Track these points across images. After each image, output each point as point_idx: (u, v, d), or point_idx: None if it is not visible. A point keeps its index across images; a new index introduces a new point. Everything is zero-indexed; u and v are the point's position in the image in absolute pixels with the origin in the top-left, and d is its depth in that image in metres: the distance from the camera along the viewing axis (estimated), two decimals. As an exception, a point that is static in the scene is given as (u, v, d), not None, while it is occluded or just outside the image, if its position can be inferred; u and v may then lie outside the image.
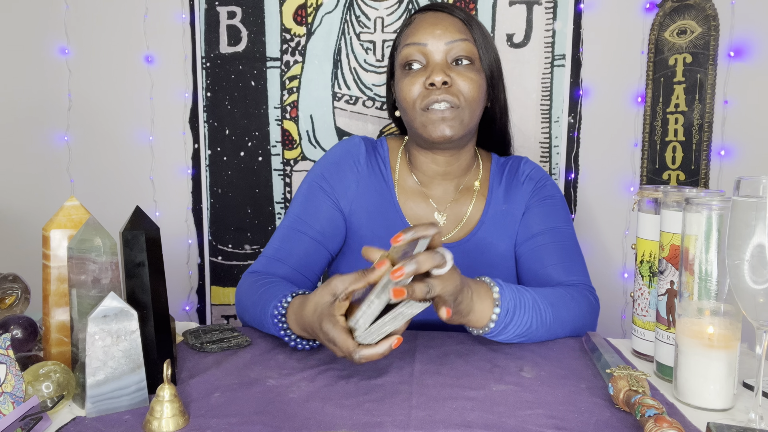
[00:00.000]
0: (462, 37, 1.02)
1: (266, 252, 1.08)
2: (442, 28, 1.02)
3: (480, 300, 0.84)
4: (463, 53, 1.02)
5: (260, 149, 1.82)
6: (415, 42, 1.03)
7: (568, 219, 1.12)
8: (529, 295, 0.89)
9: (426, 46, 1.02)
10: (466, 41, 1.03)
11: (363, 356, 0.72)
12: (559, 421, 0.67)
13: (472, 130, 1.06)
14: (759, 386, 0.65)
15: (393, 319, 0.72)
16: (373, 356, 0.73)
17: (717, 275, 0.70)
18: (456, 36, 1.02)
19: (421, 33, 1.03)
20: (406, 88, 1.03)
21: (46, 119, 1.86)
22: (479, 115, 1.07)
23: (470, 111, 1.02)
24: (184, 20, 1.80)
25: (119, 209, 1.17)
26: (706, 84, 1.59)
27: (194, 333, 0.94)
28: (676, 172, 1.65)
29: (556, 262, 1.04)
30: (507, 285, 0.88)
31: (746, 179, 0.62)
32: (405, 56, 1.04)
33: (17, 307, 0.96)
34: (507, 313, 0.85)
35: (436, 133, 1.01)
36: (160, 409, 0.64)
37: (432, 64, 1.02)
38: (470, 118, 1.03)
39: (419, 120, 1.02)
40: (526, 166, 1.14)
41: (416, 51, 1.03)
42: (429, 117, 1.01)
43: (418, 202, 1.11)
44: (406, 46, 1.04)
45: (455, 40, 1.02)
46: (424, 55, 1.02)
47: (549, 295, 0.93)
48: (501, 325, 0.86)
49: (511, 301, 0.86)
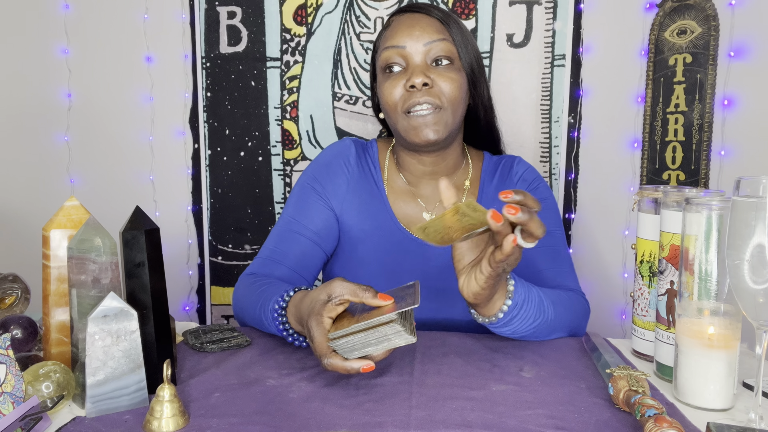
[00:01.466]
0: (440, 37, 1.02)
1: (262, 253, 1.08)
2: (420, 29, 1.02)
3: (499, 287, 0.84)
4: (442, 53, 1.02)
5: (260, 149, 1.82)
6: (393, 45, 1.03)
7: (560, 222, 1.12)
8: (536, 291, 0.90)
9: (404, 48, 1.02)
10: (444, 41, 1.02)
11: (330, 364, 0.72)
12: (559, 421, 0.67)
13: (455, 129, 1.06)
14: (759, 386, 0.65)
15: (377, 341, 0.71)
16: (339, 368, 0.72)
17: (717, 275, 0.70)
18: (434, 36, 1.02)
19: (399, 35, 1.03)
20: (387, 91, 1.03)
21: (46, 119, 1.86)
22: (462, 114, 1.07)
23: (452, 111, 1.03)
24: (184, 20, 1.80)
25: (119, 209, 1.16)
26: (706, 84, 1.59)
27: (194, 333, 0.94)
28: (676, 172, 1.65)
29: (547, 267, 1.05)
30: (519, 279, 0.88)
31: (746, 179, 0.62)
32: (384, 59, 1.04)
33: (17, 307, 0.96)
34: (515, 306, 0.85)
35: (420, 137, 1.01)
36: (160, 409, 0.64)
37: (412, 66, 1.02)
38: (453, 119, 1.03)
39: (401, 124, 1.03)
40: (519, 166, 1.14)
41: (395, 54, 1.03)
42: (411, 122, 1.01)
43: (407, 201, 1.12)
44: (385, 50, 1.04)
45: (433, 40, 1.02)
46: (403, 57, 1.02)
47: (551, 295, 0.93)
48: (508, 317, 0.86)
49: (521, 296, 0.86)
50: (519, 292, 0.86)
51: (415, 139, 1.02)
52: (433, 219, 0.72)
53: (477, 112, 1.12)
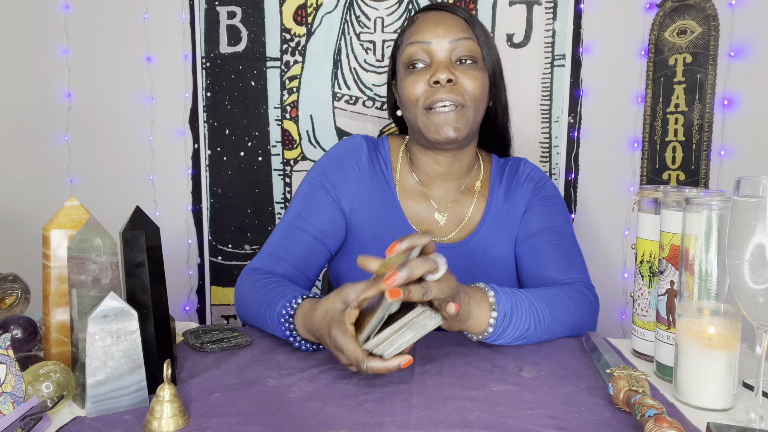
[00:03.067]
0: (465, 36, 1.02)
1: (266, 249, 1.07)
2: (446, 27, 1.02)
3: (477, 305, 0.84)
4: (467, 52, 1.02)
5: (260, 149, 1.82)
6: (418, 40, 1.03)
7: (567, 219, 1.12)
8: (525, 297, 0.89)
9: (430, 44, 1.02)
10: (469, 40, 1.03)
11: (371, 368, 0.72)
12: (559, 421, 0.67)
13: (475, 129, 1.06)
14: (759, 386, 0.65)
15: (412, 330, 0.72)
16: (381, 370, 0.72)
17: (717, 275, 0.70)
18: (460, 35, 1.02)
19: (424, 32, 1.03)
20: (410, 86, 1.02)
21: (46, 119, 1.86)
22: (482, 115, 1.07)
23: (474, 109, 1.02)
24: (184, 20, 1.80)
25: (119, 209, 1.17)
26: (706, 84, 1.59)
27: (194, 333, 0.94)
28: (676, 172, 1.65)
29: (554, 261, 1.04)
30: (501, 289, 0.88)
31: (746, 179, 0.62)
32: (409, 55, 1.04)
33: (17, 307, 0.96)
34: (504, 317, 0.86)
35: (440, 134, 1.01)
36: (160, 409, 0.64)
37: (436, 62, 1.02)
38: (474, 117, 1.03)
39: (422, 120, 1.02)
40: (526, 166, 1.15)
41: (420, 49, 1.02)
42: (432, 119, 1.01)
43: (419, 202, 1.11)
44: (409, 45, 1.04)
45: (459, 38, 1.02)
46: (427, 53, 1.02)
47: (545, 296, 0.92)
48: (500, 329, 0.86)
49: (507, 304, 0.86)
50: (503, 302, 0.86)
51: (435, 136, 1.01)
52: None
53: (495, 113, 1.12)
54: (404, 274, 0.70)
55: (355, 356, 0.72)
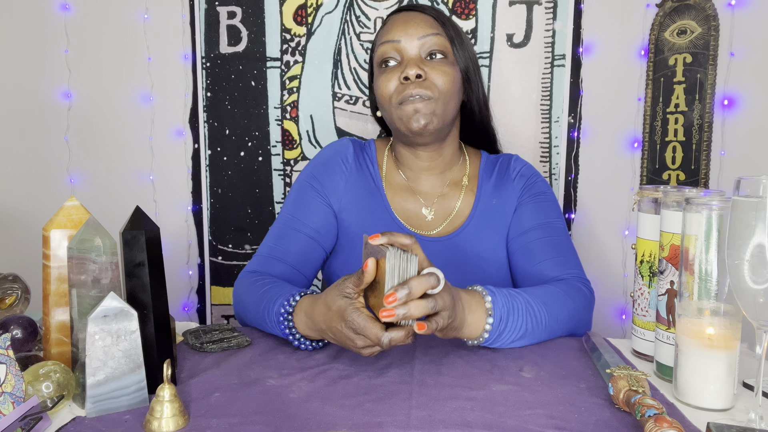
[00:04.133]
0: (434, 32, 1.05)
1: (261, 251, 1.08)
2: (414, 25, 1.05)
3: (471, 312, 0.84)
4: (436, 47, 1.05)
5: (260, 149, 1.82)
6: (389, 40, 1.06)
7: (560, 215, 1.12)
8: (522, 298, 0.89)
9: (399, 42, 1.05)
10: (438, 35, 1.05)
11: (393, 339, 0.74)
12: (559, 421, 0.67)
13: (448, 122, 1.07)
14: (759, 386, 0.65)
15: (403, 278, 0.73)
16: (401, 338, 0.74)
17: (717, 275, 0.70)
18: (428, 31, 1.05)
19: (394, 31, 1.06)
20: (383, 84, 1.05)
21: (46, 119, 1.86)
22: (455, 108, 1.08)
23: (444, 103, 1.04)
24: (184, 20, 1.80)
25: (119, 209, 1.16)
26: (706, 84, 1.59)
27: (194, 333, 0.94)
28: (676, 172, 1.65)
29: (548, 258, 1.05)
30: (499, 291, 0.88)
31: (746, 179, 0.62)
32: (381, 54, 1.07)
33: (17, 307, 0.96)
34: (500, 321, 0.86)
35: (412, 124, 1.03)
36: (160, 409, 0.64)
37: (406, 59, 1.05)
38: (444, 110, 1.04)
39: (395, 114, 1.05)
40: (517, 163, 1.16)
41: (391, 48, 1.06)
42: (404, 110, 1.03)
43: (406, 197, 1.12)
44: (381, 45, 1.07)
45: (427, 34, 1.05)
46: (398, 51, 1.05)
47: (542, 295, 0.92)
48: (495, 334, 0.86)
49: (503, 308, 0.86)
50: (500, 306, 0.86)
51: (408, 126, 1.03)
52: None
53: (471, 109, 1.13)
54: (404, 293, 0.72)
55: (375, 333, 0.74)
